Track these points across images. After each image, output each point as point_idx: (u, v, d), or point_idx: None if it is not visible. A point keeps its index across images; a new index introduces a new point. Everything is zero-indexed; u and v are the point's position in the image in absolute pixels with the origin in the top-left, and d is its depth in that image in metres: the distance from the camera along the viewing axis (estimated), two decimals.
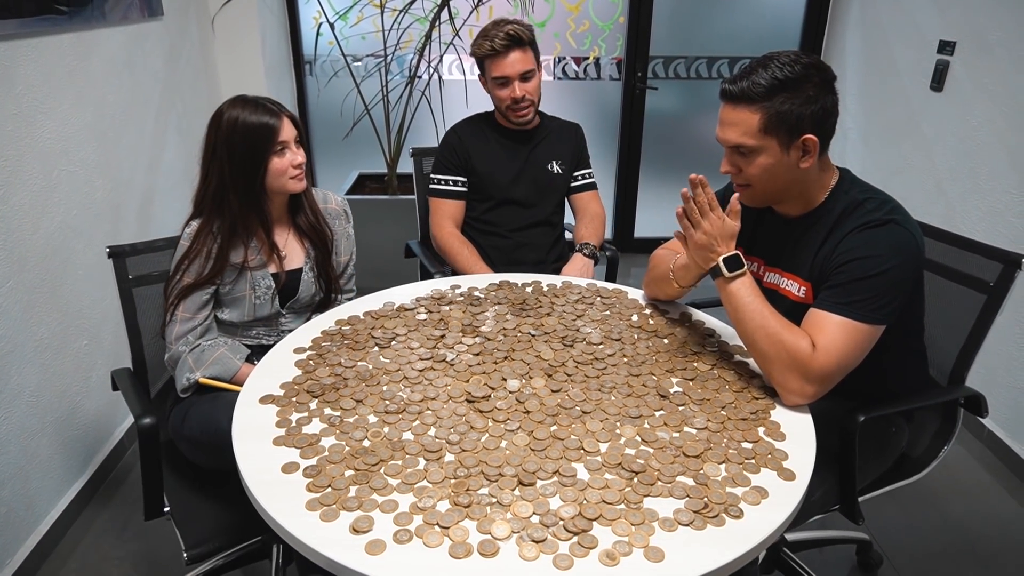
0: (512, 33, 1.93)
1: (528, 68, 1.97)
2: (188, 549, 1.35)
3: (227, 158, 1.49)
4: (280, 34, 3.46)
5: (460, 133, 2.16)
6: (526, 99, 2.00)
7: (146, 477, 1.36)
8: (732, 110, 1.29)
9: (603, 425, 1.19)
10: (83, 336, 2.08)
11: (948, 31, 2.59)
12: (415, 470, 1.08)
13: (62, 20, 1.98)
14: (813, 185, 1.35)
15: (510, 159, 2.12)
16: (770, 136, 1.27)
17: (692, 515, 1.00)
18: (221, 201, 1.52)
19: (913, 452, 1.56)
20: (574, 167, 2.19)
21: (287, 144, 1.53)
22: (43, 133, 1.90)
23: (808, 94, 1.24)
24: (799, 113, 1.24)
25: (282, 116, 1.52)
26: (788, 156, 1.28)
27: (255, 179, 1.51)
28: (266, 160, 1.51)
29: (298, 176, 1.56)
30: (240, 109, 1.50)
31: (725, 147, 1.33)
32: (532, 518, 0.99)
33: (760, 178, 1.31)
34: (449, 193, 2.12)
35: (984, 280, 1.50)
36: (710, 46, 3.66)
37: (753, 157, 1.29)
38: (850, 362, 1.24)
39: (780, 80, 1.24)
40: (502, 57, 1.95)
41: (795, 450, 1.14)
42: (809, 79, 1.24)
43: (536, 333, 1.48)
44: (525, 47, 1.96)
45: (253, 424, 1.20)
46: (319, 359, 1.39)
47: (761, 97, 1.25)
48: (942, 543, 1.97)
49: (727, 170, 1.35)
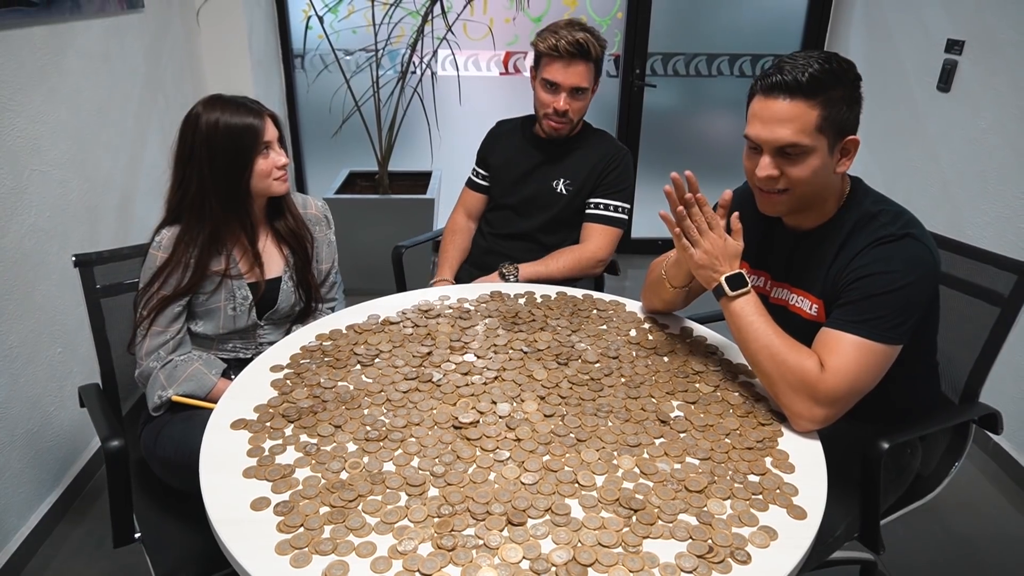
0: (583, 42, 1.76)
1: (584, 86, 1.82)
2: None
3: (208, 161, 1.41)
4: (268, 27, 3.36)
5: (500, 128, 2.12)
6: (568, 115, 1.85)
7: (114, 502, 1.28)
8: (787, 103, 1.15)
9: (599, 455, 1.11)
10: (56, 344, 1.99)
11: (956, 29, 2.51)
12: (396, 507, 1.00)
13: (33, 12, 1.88)
14: (835, 194, 1.27)
15: (520, 165, 2.01)
16: (823, 135, 1.16)
17: (696, 560, 0.92)
18: (201, 207, 1.44)
19: (925, 471, 1.49)
20: (590, 191, 1.93)
21: (271, 144, 1.46)
22: (11, 131, 1.80)
23: (853, 93, 1.17)
24: (848, 113, 1.16)
25: (264, 116, 1.45)
26: (831, 159, 1.19)
27: (239, 182, 1.44)
28: (251, 162, 1.43)
29: (282, 177, 1.49)
30: (220, 111, 1.42)
31: (767, 148, 1.19)
32: (522, 563, 0.91)
33: (806, 182, 1.19)
34: (471, 183, 2.13)
35: (998, 292, 1.43)
36: (710, 43, 3.57)
37: (803, 158, 1.18)
38: (863, 384, 1.16)
39: (834, 73, 1.14)
40: (563, 62, 1.79)
41: (805, 484, 1.06)
42: (853, 78, 1.17)
43: (528, 350, 1.40)
44: (590, 62, 1.81)
45: (223, 453, 1.11)
46: (297, 379, 1.30)
47: (820, 89, 1.14)
48: (948, 560, 1.90)
49: (769, 174, 1.20)
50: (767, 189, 1.24)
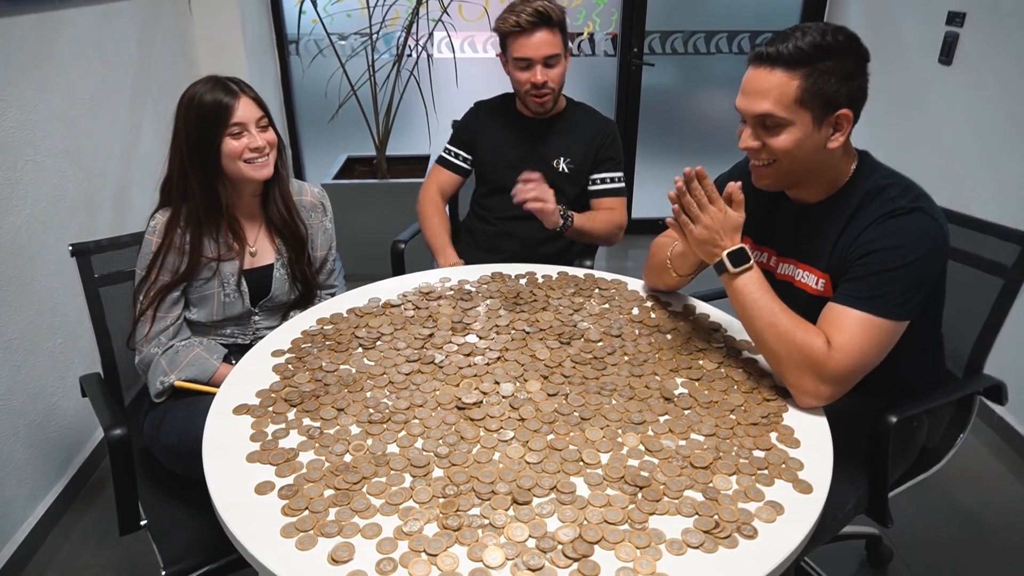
0: (541, 10, 1.78)
1: (554, 52, 1.82)
2: (167, 566, 1.26)
3: (184, 139, 1.41)
4: (262, 12, 3.33)
5: (479, 111, 2.10)
6: (548, 86, 1.85)
7: (119, 490, 1.28)
8: (767, 73, 1.15)
9: (604, 433, 1.10)
10: (57, 335, 1.98)
11: (958, 1, 2.47)
12: (400, 488, 0.99)
13: (22, 0, 1.85)
14: (835, 169, 1.25)
15: (516, 148, 2.00)
16: (804, 108, 1.15)
17: (702, 536, 0.91)
18: (184, 187, 1.43)
19: (930, 443, 1.49)
20: (590, 167, 1.99)
21: (245, 126, 1.41)
22: (4, 121, 1.78)
23: (849, 67, 1.14)
24: (838, 87, 1.14)
25: (241, 96, 1.41)
26: (819, 132, 1.17)
27: (208, 160, 1.41)
28: (217, 141, 1.40)
29: (254, 160, 1.43)
30: (200, 87, 1.41)
31: (748, 118, 1.20)
32: (528, 542, 0.91)
33: (788, 154, 1.18)
34: (447, 163, 2.09)
35: (1001, 263, 1.42)
36: (708, 20, 3.53)
37: (780, 130, 1.17)
38: (870, 361, 1.16)
39: (824, 46, 1.12)
40: (527, 36, 1.80)
41: (811, 458, 1.06)
42: (851, 52, 1.15)
43: (531, 330, 1.39)
44: (554, 27, 1.81)
45: (226, 438, 1.11)
46: (299, 363, 1.29)
47: (804, 60, 1.12)
48: (952, 534, 1.91)
49: (749, 145, 1.21)
50: (753, 160, 1.24)
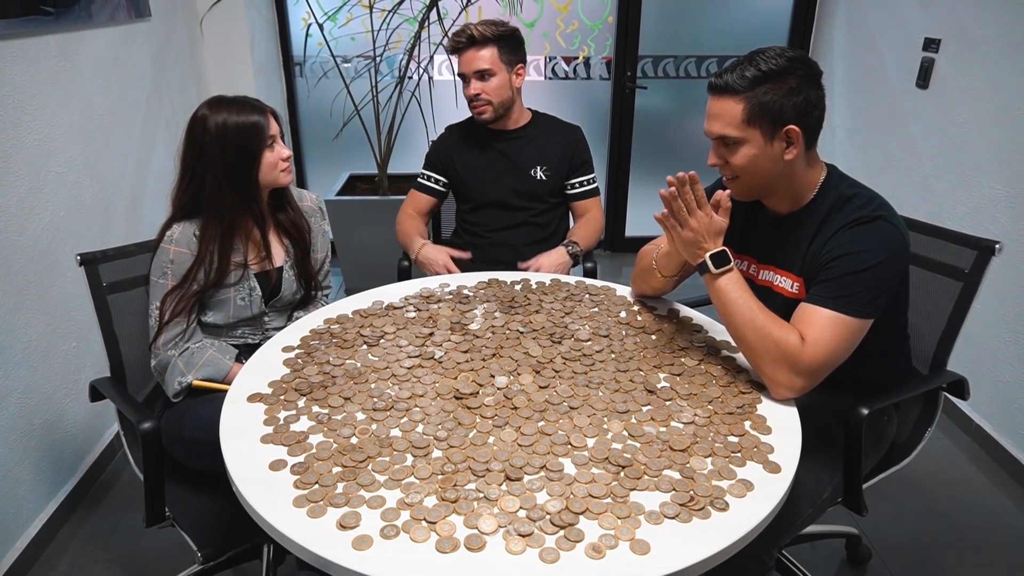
0: (465, 31, 1.98)
1: (481, 67, 1.98)
2: (202, 548, 1.35)
3: (220, 160, 1.51)
4: (269, 35, 3.46)
5: (451, 134, 2.20)
6: (481, 97, 2.01)
7: (148, 482, 1.35)
8: (717, 101, 1.31)
9: (590, 420, 1.19)
10: (71, 339, 2.07)
11: (933, 28, 2.61)
12: (402, 466, 1.08)
13: (48, 21, 1.97)
14: (801, 181, 1.36)
15: (492, 163, 2.12)
16: (753, 127, 1.28)
17: (678, 508, 1.00)
18: (218, 203, 1.53)
19: (900, 438, 1.58)
20: (566, 173, 2.13)
21: (275, 138, 1.56)
22: (29, 135, 1.89)
23: (791, 85, 1.26)
24: (781, 104, 1.26)
25: (267, 112, 1.56)
26: (772, 147, 1.30)
27: (250, 175, 1.54)
28: (259, 156, 1.54)
29: (287, 169, 1.60)
30: (226, 111, 1.51)
31: (711, 139, 1.36)
32: (519, 512, 0.99)
33: (746, 169, 1.33)
34: (423, 187, 2.21)
35: (959, 268, 1.53)
36: (699, 45, 3.67)
37: (737, 148, 1.31)
38: (839, 356, 1.26)
39: (764, 72, 1.26)
40: (459, 55, 2.01)
41: (781, 443, 1.15)
42: (793, 71, 1.26)
43: (524, 330, 1.48)
44: (479, 46, 1.98)
45: (241, 422, 1.20)
46: (308, 358, 1.39)
47: (744, 88, 1.27)
48: (930, 536, 1.99)
49: (714, 162, 1.37)
50: (722, 176, 1.40)
